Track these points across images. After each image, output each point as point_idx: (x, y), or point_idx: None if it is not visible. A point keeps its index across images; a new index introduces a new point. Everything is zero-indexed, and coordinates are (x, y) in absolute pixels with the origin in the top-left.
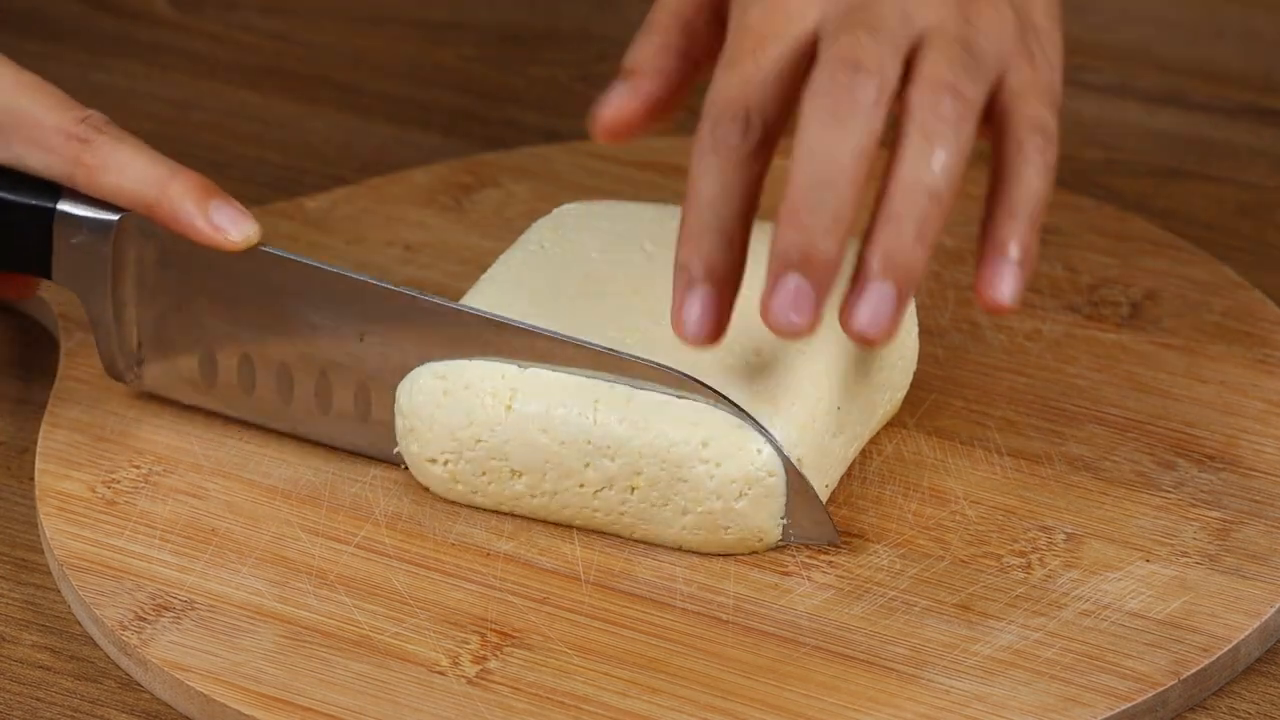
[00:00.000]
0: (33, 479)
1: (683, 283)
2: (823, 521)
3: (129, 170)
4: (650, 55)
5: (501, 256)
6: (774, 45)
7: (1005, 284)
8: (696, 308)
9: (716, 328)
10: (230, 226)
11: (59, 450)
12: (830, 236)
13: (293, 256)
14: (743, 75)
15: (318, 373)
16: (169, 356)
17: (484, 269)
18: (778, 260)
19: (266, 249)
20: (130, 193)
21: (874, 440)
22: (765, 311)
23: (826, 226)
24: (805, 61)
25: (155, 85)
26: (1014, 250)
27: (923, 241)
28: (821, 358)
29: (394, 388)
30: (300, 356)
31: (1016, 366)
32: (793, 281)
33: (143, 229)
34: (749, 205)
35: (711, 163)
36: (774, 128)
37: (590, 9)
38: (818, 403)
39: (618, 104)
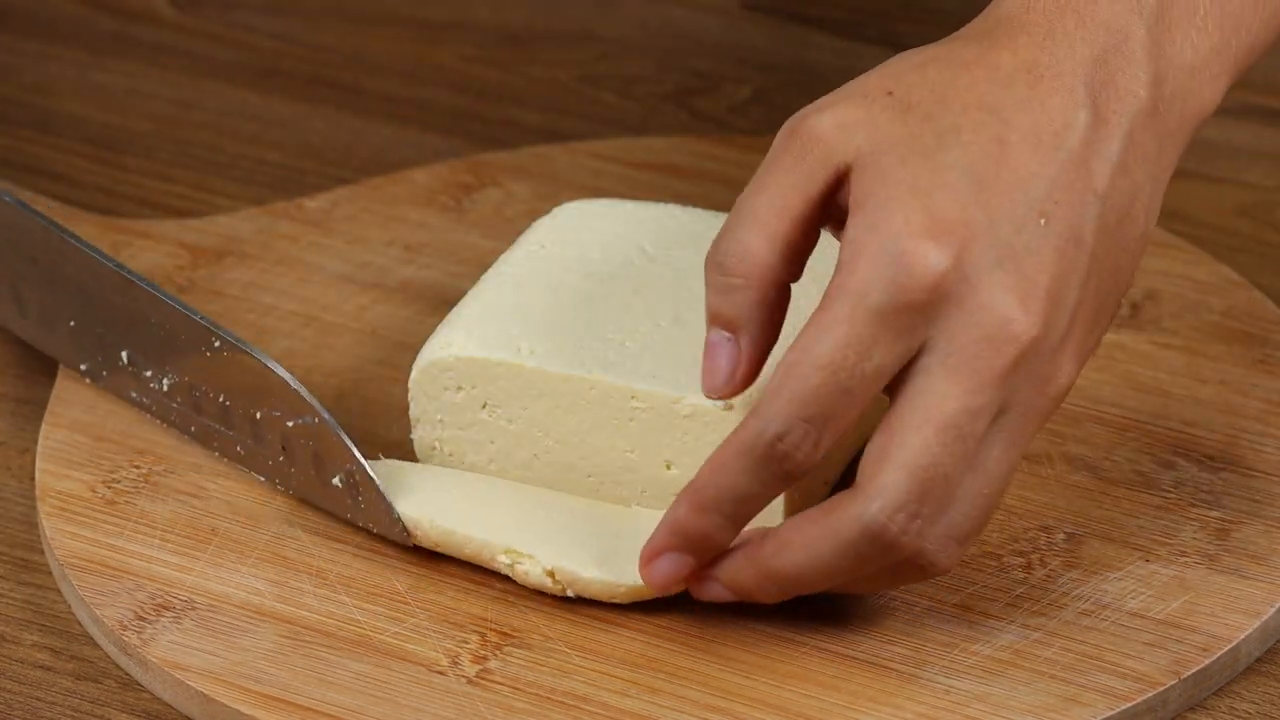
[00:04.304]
0: (33, 479)
1: (670, 542)
2: None
3: None
4: (748, 311)
5: (501, 256)
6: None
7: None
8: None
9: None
10: None
11: (59, 450)
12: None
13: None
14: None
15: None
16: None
17: (484, 269)
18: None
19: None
20: None
21: None
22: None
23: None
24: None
25: (155, 85)
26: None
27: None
28: None
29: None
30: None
31: None
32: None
33: None
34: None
35: (760, 469)
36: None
37: (590, 9)
38: None
39: (728, 369)
